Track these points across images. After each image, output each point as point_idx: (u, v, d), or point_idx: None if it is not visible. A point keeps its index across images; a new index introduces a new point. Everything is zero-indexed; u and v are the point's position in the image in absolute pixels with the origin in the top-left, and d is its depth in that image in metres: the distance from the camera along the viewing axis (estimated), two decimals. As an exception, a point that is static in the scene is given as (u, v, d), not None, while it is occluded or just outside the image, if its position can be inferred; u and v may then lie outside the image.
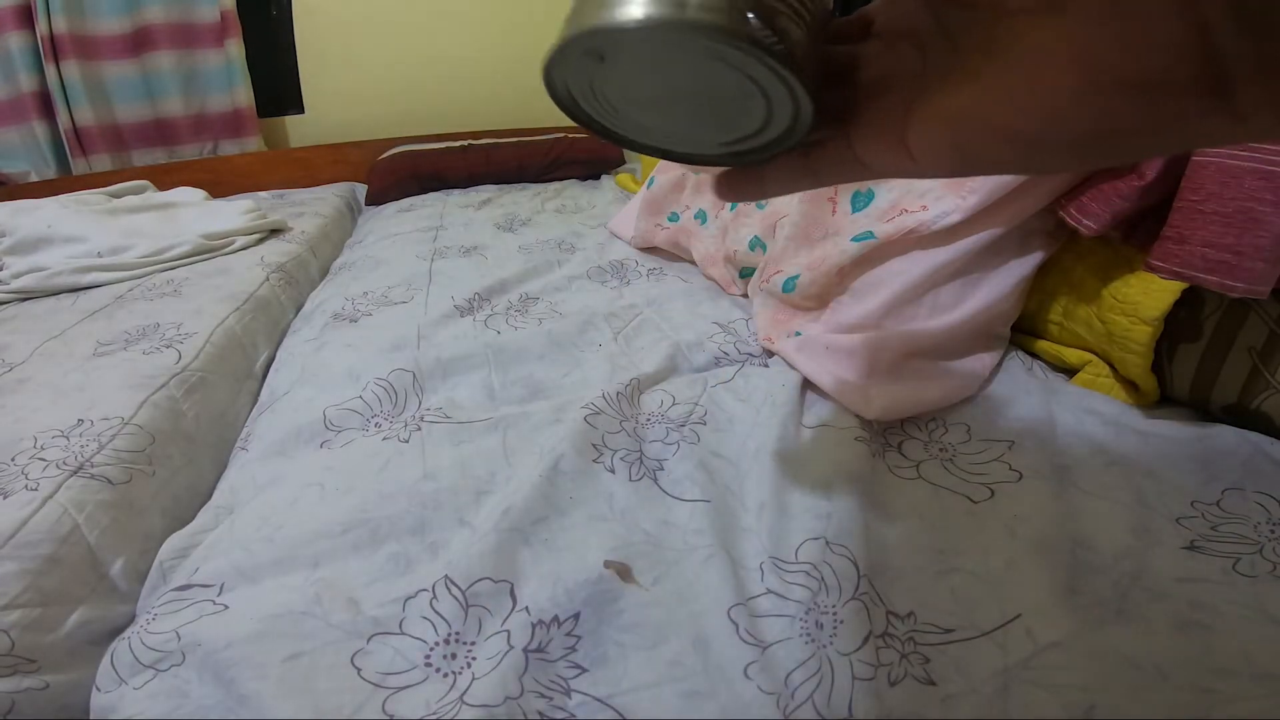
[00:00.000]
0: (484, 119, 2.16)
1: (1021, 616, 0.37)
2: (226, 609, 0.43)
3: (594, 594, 0.41)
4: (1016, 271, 0.60)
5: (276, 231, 1.39)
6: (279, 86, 2.05)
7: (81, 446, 0.61)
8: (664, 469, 0.52)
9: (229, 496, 0.57)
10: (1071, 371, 0.61)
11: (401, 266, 1.08)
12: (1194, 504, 0.44)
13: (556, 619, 0.39)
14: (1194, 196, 0.47)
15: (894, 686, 0.35)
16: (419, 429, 0.59)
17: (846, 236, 0.65)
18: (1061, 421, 0.53)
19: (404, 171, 1.79)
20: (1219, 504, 0.44)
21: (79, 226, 1.20)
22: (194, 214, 1.39)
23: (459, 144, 1.90)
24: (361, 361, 0.72)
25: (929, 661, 0.36)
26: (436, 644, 0.39)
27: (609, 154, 1.92)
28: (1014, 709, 0.34)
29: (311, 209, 1.62)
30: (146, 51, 1.82)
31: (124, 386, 0.71)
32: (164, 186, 1.62)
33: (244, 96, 1.94)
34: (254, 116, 1.97)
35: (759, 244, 0.78)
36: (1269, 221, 0.44)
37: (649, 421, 0.57)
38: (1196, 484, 0.45)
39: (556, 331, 0.75)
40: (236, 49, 1.89)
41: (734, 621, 0.38)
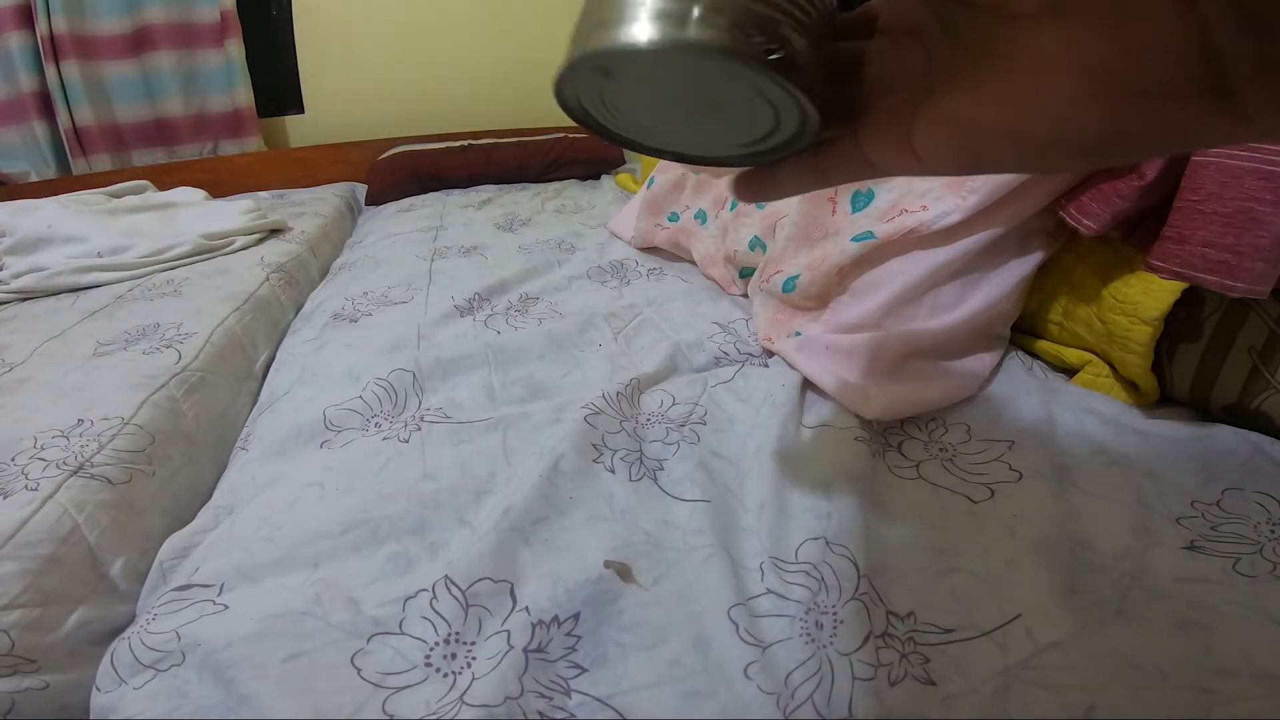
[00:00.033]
0: (484, 119, 2.16)
1: (1021, 616, 0.37)
2: (226, 609, 0.43)
3: (594, 594, 0.41)
4: (1016, 271, 0.60)
5: (276, 231, 1.39)
6: (279, 86, 2.05)
7: (81, 446, 0.61)
8: (664, 469, 0.52)
9: (229, 496, 0.57)
10: (1071, 371, 0.61)
11: (401, 266, 1.08)
12: (1194, 504, 0.44)
13: (556, 619, 0.39)
14: (1194, 196, 0.47)
15: (894, 686, 0.35)
16: (419, 429, 0.59)
17: (846, 236, 0.65)
18: (1061, 421, 0.53)
19: (404, 171, 1.79)
20: (1219, 504, 0.44)
21: (79, 226, 1.20)
22: (194, 214, 1.39)
23: (459, 144, 1.90)
24: (361, 361, 0.72)
25: (929, 661, 0.36)
26: (436, 644, 0.39)
27: (609, 154, 1.92)
28: (1014, 709, 0.34)
29: (311, 209, 1.62)
30: (146, 51, 1.83)
31: (124, 386, 0.71)
32: (164, 186, 1.62)
33: (244, 96, 1.94)
34: (254, 116, 1.97)
35: (759, 244, 0.78)
36: (1269, 221, 0.44)
37: (649, 421, 0.57)
38: (1196, 484, 0.45)
39: (556, 331, 0.75)
40: (236, 49, 1.89)
41: (734, 621, 0.38)
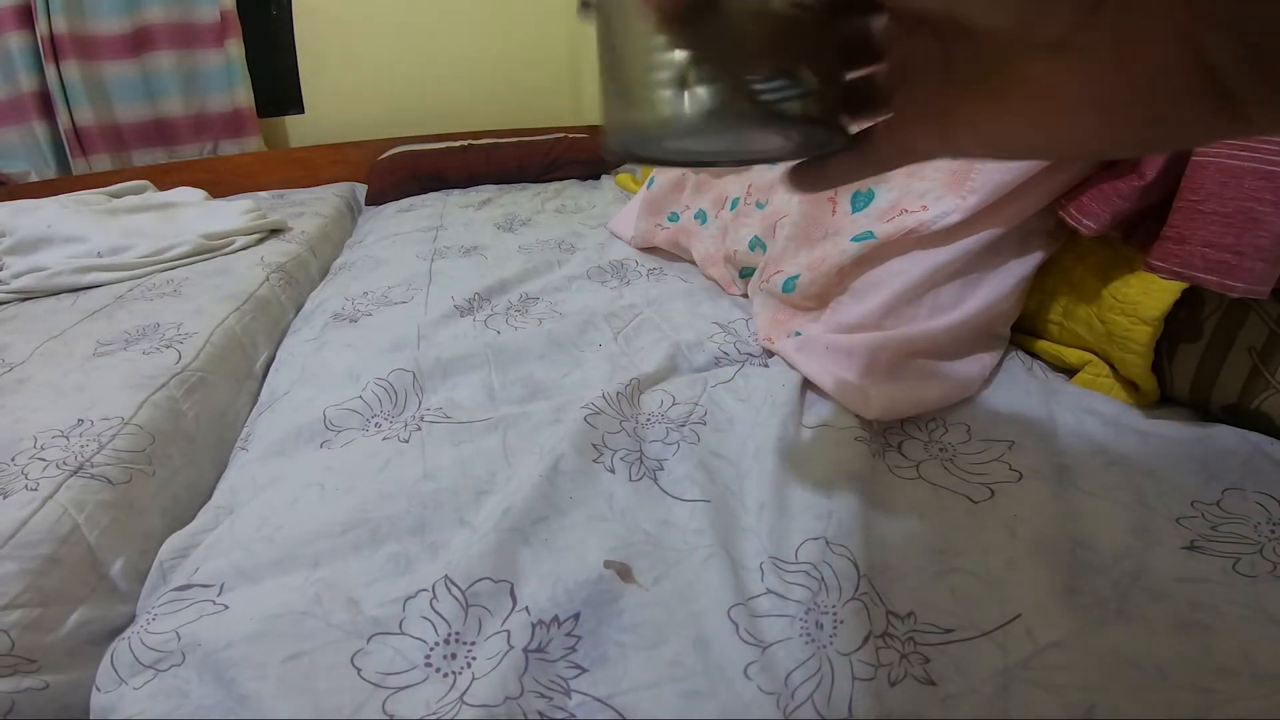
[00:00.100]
0: (484, 119, 2.16)
1: (1021, 616, 0.37)
2: (226, 609, 0.43)
3: (594, 594, 0.41)
4: (1016, 271, 0.60)
5: (276, 231, 1.39)
6: (279, 86, 2.05)
7: (81, 446, 0.61)
8: (664, 469, 0.52)
9: (229, 496, 0.57)
10: (1071, 371, 0.61)
11: (401, 266, 1.08)
12: (1194, 504, 0.44)
13: (556, 619, 0.39)
14: (1194, 196, 0.47)
15: (894, 686, 0.35)
16: (419, 429, 0.59)
17: (846, 236, 0.65)
18: (1061, 421, 0.53)
19: (404, 171, 1.79)
20: (1219, 504, 0.44)
21: (79, 226, 1.20)
22: (194, 214, 1.39)
23: (459, 144, 1.90)
24: (361, 361, 0.72)
25: (929, 661, 0.36)
26: (436, 644, 0.39)
27: (609, 154, 1.92)
28: (1014, 709, 0.34)
29: (311, 209, 1.62)
30: (146, 51, 1.83)
31: (124, 386, 0.71)
32: (164, 186, 1.63)
33: (244, 96, 1.94)
34: (254, 116, 1.97)
35: (759, 244, 0.78)
36: (1269, 221, 0.44)
37: (649, 421, 0.57)
38: (1196, 484, 0.45)
39: (556, 331, 0.75)
40: (236, 49, 1.89)
41: (734, 621, 0.38)
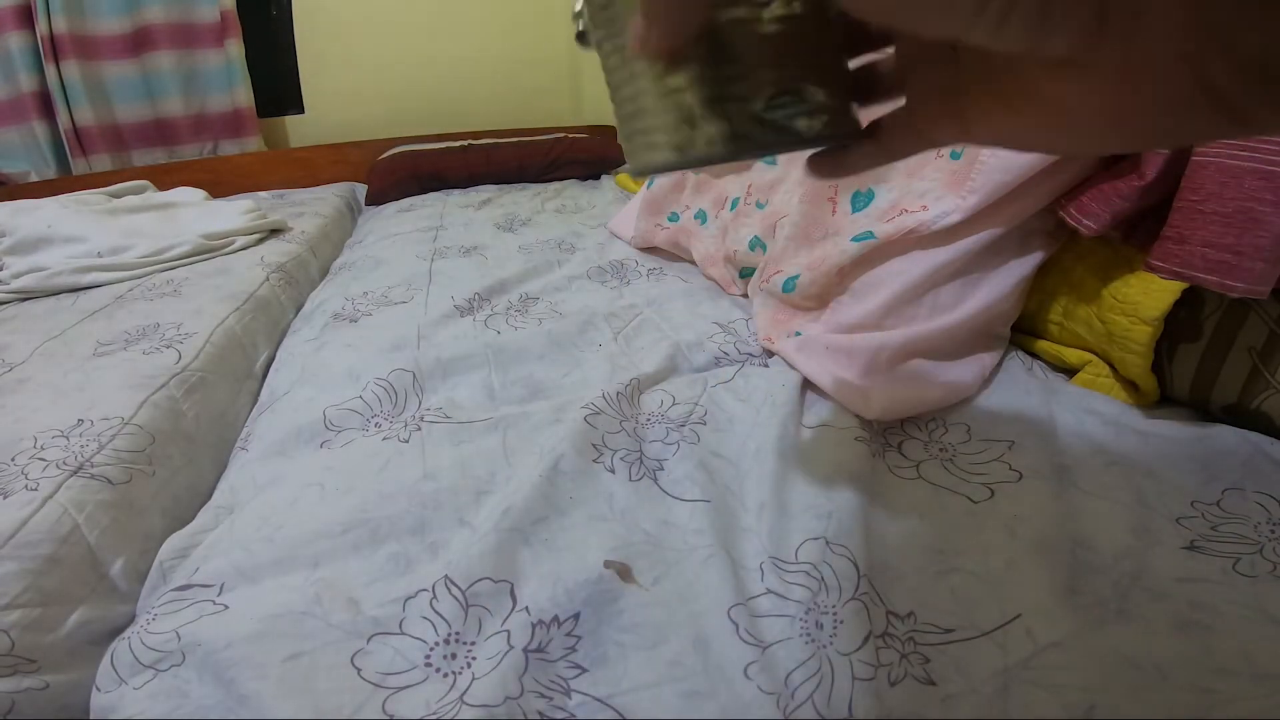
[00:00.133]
0: (484, 119, 2.17)
1: (1021, 616, 0.37)
2: (226, 609, 0.43)
3: (594, 594, 0.41)
4: (1016, 271, 0.60)
5: (276, 231, 1.39)
6: (279, 86, 2.05)
7: (81, 446, 0.61)
8: (664, 469, 0.52)
9: (229, 496, 0.57)
10: (1071, 371, 0.61)
11: (401, 266, 1.08)
12: (1194, 504, 0.44)
13: (556, 619, 0.39)
14: (1194, 196, 0.47)
15: (894, 686, 0.35)
16: (419, 429, 0.59)
17: (846, 236, 0.65)
18: (1061, 421, 0.53)
19: (404, 171, 1.79)
20: (1219, 504, 0.44)
21: (79, 226, 1.20)
22: (194, 214, 1.39)
23: (459, 144, 1.90)
24: (361, 361, 0.72)
25: (929, 661, 0.36)
26: (436, 644, 0.39)
27: (609, 154, 1.92)
28: (1014, 709, 0.34)
29: (311, 209, 1.62)
30: (146, 51, 1.83)
31: (124, 386, 0.71)
32: (164, 186, 1.63)
33: (244, 96, 1.94)
34: (254, 116, 1.97)
35: (759, 244, 0.78)
36: (1269, 221, 0.44)
37: (649, 421, 0.57)
38: (1196, 484, 0.45)
39: (556, 331, 0.75)
40: (236, 49, 1.89)
41: (734, 621, 0.38)
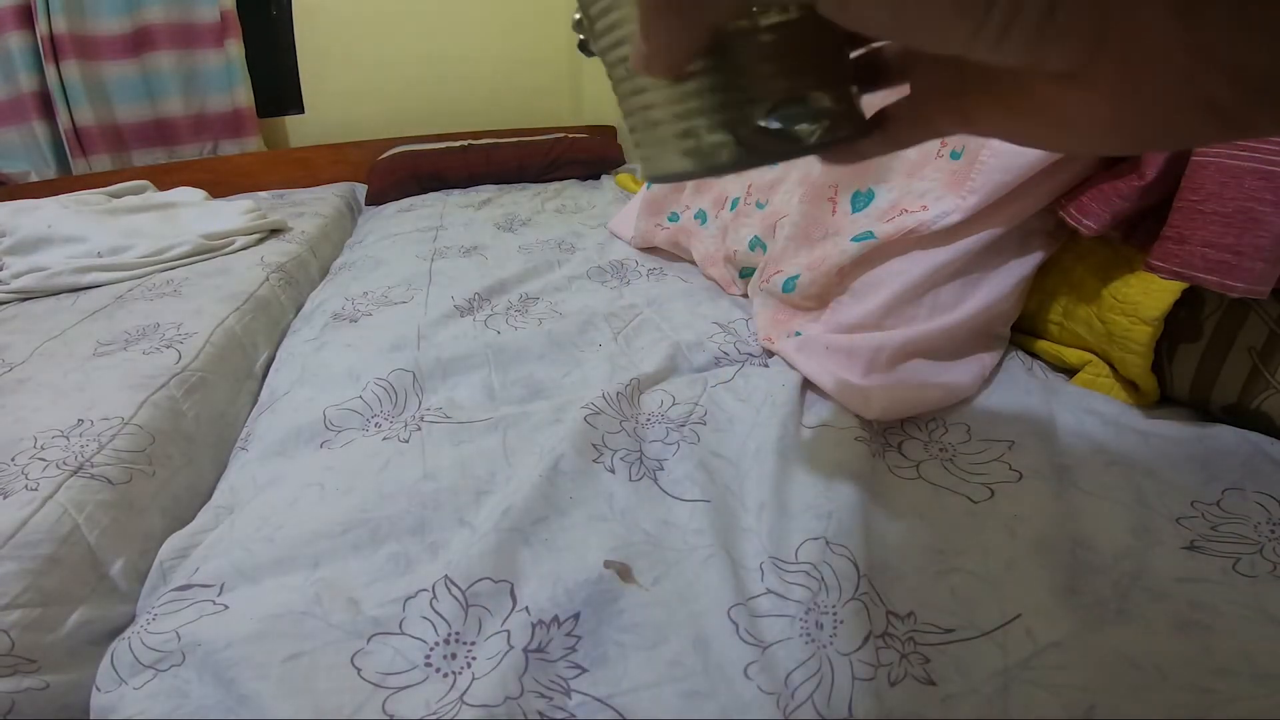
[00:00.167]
0: (484, 119, 2.17)
1: (1021, 616, 0.37)
2: (226, 609, 0.43)
3: (594, 594, 0.41)
4: (1016, 271, 0.60)
5: (276, 231, 1.39)
6: (279, 86, 2.05)
7: (81, 446, 0.61)
8: (664, 469, 0.52)
9: (229, 496, 0.57)
10: (1071, 371, 0.61)
11: (401, 266, 1.08)
12: (1194, 504, 0.44)
13: (556, 619, 0.39)
14: (1194, 196, 0.47)
15: (894, 686, 0.35)
16: (419, 429, 0.59)
17: (846, 236, 0.65)
18: (1061, 421, 0.53)
19: (404, 171, 1.79)
20: (1219, 504, 0.44)
21: (79, 226, 1.20)
22: (194, 214, 1.39)
23: (459, 144, 1.90)
24: (361, 361, 0.72)
25: (929, 661, 0.36)
26: (436, 644, 0.39)
27: (609, 154, 1.92)
28: (1014, 709, 0.34)
29: (311, 209, 1.62)
30: (146, 51, 1.83)
31: (124, 386, 0.71)
32: (164, 186, 1.63)
33: (244, 96, 1.94)
34: (254, 116, 1.97)
35: (759, 244, 0.78)
36: (1269, 221, 0.44)
37: (649, 421, 0.57)
38: (1196, 484, 0.45)
39: (556, 331, 0.75)
40: (236, 49, 1.89)
41: (734, 621, 0.38)
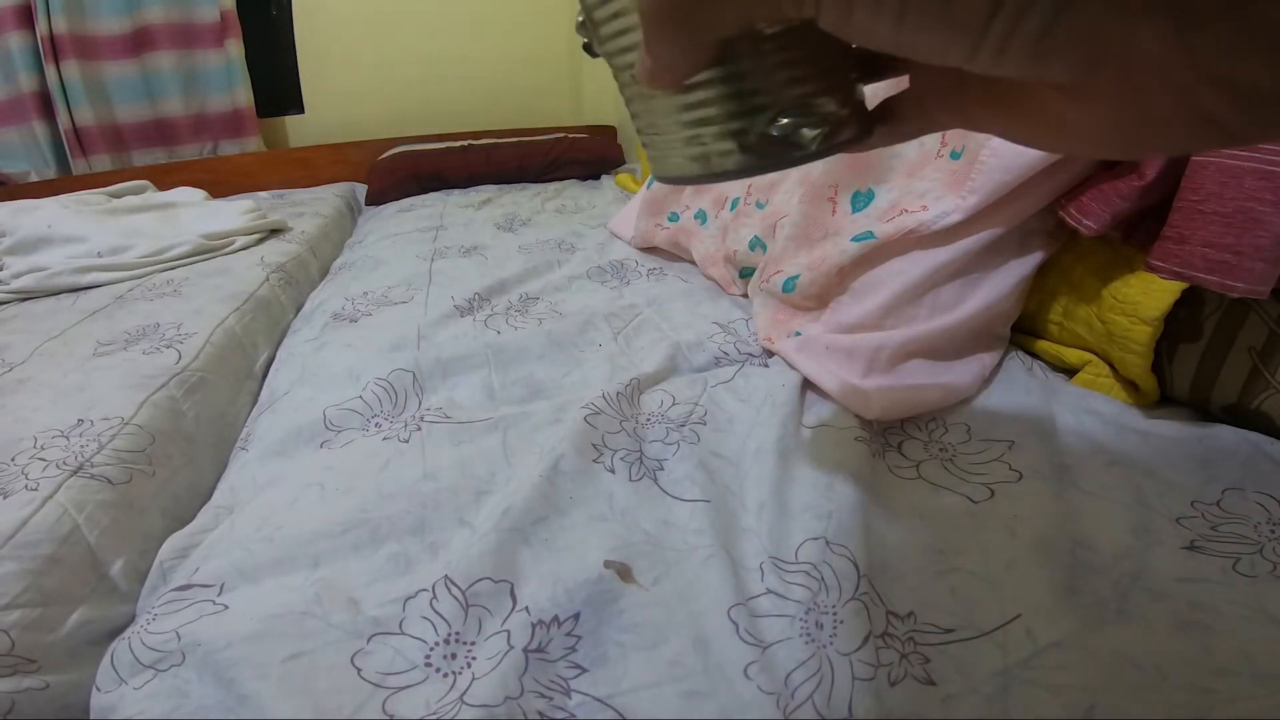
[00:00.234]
0: (484, 119, 2.17)
1: (1021, 616, 0.37)
2: (226, 609, 0.43)
3: (594, 594, 0.41)
4: (1016, 271, 0.60)
5: (276, 231, 1.39)
6: (279, 86, 2.05)
7: (81, 446, 0.61)
8: (664, 469, 0.52)
9: (229, 496, 0.57)
10: (1071, 371, 0.61)
11: (401, 266, 1.08)
12: (1194, 504, 0.44)
13: (556, 619, 0.39)
14: (1194, 196, 0.47)
15: (894, 686, 0.35)
16: (419, 429, 0.59)
17: (846, 236, 0.65)
18: (1061, 421, 0.53)
19: (404, 171, 1.79)
20: (1219, 504, 0.44)
21: (79, 226, 1.20)
22: (194, 214, 1.39)
23: (459, 144, 1.90)
24: (361, 361, 0.72)
25: (929, 661, 0.36)
26: (436, 644, 0.39)
27: (609, 154, 1.92)
28: (1014, 709, 0.34)
29: (311, 209, 1.62)
30: (146, 51, 1.83)
31: (124, 386, 0.71)
32: (164, 186, 1.63)
33: (244, 96, 1.94)
34: (254, 116, 1.97)
35: (759, 244, 0.78)
36: (1269, 221, 0.44)
37: (649, 421, 0.57)
38: (1196, 484, 0.45)
39: (556, 331, 0.75)
40: (236, 49, 1.89)
41: (734, 621, 0.38)
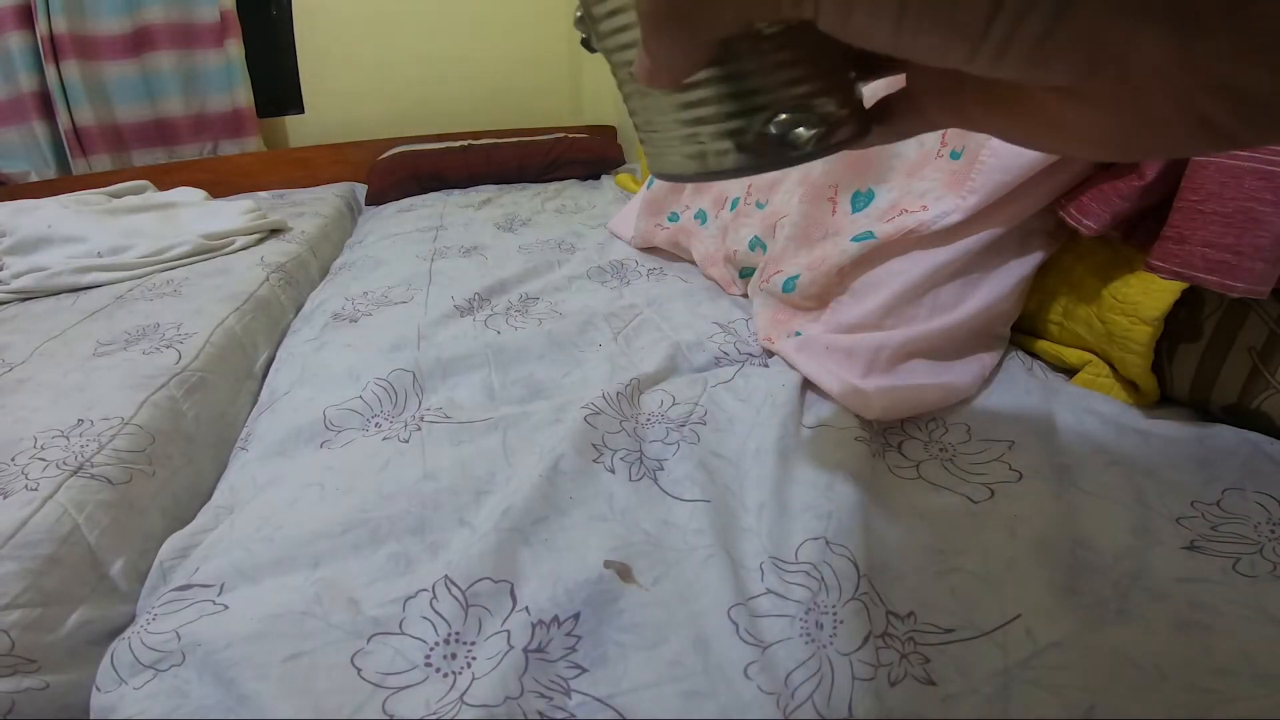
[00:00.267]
0: (484, 119, 2.17)
1: (1021, 616, 0.37)
2: (226, 609, 0.43)
3: (594, 594, 0.41)
4: (1016, 271, 0.60)
5: (276, 231, 1.39)
6: (279, 86, 2.05)
7: (81, 446, 0.61)
8: (664, 469, 0.52)
9: (229, 496, 0.57)
10: (1071, 371, 0.61)
11: (401, 266, 1.08)
12: (1194, 504, 0.44)
13: (556, 619, 0.39)
14: (1194, 196, 0.47)
15: (894, 686, 0.35)
16: (419, 429, 0.59)
17: (846, 236, 0.65)
18: (1061, 421, 0.53)
19: (404, 171, 1.79)
20: (1219, 504, 0.44)
21: (79, 226, 1.20)
22: (194, 214, 1.39)
23: (459, 144, 1.90)
24: (361, 361, 0.72)
25: (929, 661, 0.36)
26: (436, 644, 0.39)
27: (609, 154, 1.92)
28: (1014, 709, 0.34)
29: (311, 209, 1.62)
30: (146, 51, 1.83)
31: (124, 386, 0.71)
32: (164, 186, 1.63)
33: (244, 96, 1.94)
34: (254, 116, 1.97)
35: (759, 244, 0.78)
36: (1269, 221, 0.44)
37: (649, 421, 0.57)
38: (1196, 484, 0.45)
39: (556, 331, 0.75)
40: (236, 49, 1.89)
41: (734, 621, 0.38)
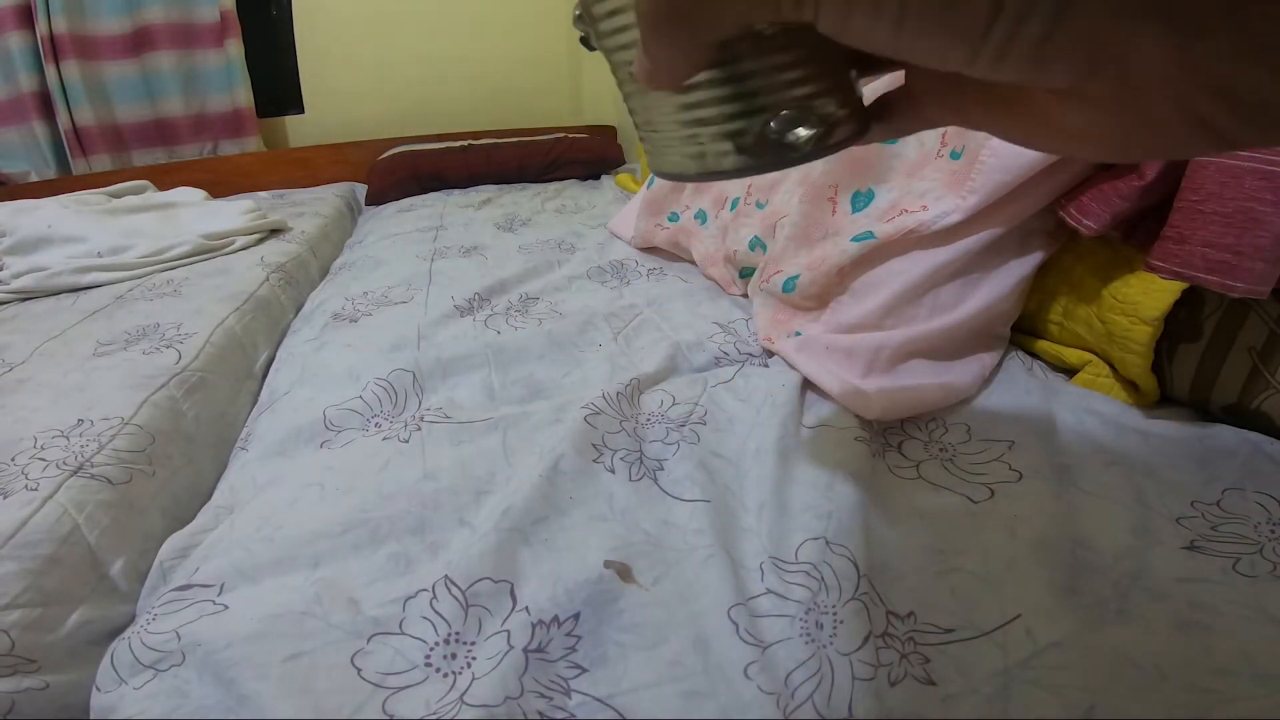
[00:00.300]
0: (484, 119, 2.17)
1: (1021, 616, 0.37)
2: (226, 609, 0.43)
3: (594, 594, 0.41)
4: (1016, 271, 0.60)
5: (276, 231, 1.39)
6: (279, 86, 2.05)
7: (81, 446, 0.61)
8: (664, 469, 0.52)
9: (229, 496, 0.57)
10: (1071, 371, 0.61)
11: (401, 266, 1.08)
12: (1194, 504, 0.44)
13: (556, 619, 0.39)
14: (1194, 196, 0.47)
15: (894, 686, 0.35)
16: (419, 429, 0.59)
17: (846, 236, 0.65)
18: (1061, 421, 0.53)
19: (404, 171, 1.79)
20: (1219, 504, 0.44)
21: (79, 226, 1.20)
22: (194, 214, 1.39)
23: (459, 144, 1.90)
24: (361, 361, 0.72)
25: (929, 661, 0.36)
26: (436, 644, 0.39)
27: (609, 154, 1.92)
28: (1014, 709, 0.34)
29: (311, 209, 1.62)
30: (146, 51, 1.83)
31: (124, 386, 0.71)
32: (164, 186, 1.63)
33: (244, 96, 1.94)
34: (254, 116, 1.98)
35: (759, 244, 0.78)
36: (1269, 221, 0.44)
37: (649, 421, 0.57)
38: (1196, 484, 0.45)
39: (556, 331, 0.75)
40: (236, 49, 1.89)
41: (734, 621, 0.38)
